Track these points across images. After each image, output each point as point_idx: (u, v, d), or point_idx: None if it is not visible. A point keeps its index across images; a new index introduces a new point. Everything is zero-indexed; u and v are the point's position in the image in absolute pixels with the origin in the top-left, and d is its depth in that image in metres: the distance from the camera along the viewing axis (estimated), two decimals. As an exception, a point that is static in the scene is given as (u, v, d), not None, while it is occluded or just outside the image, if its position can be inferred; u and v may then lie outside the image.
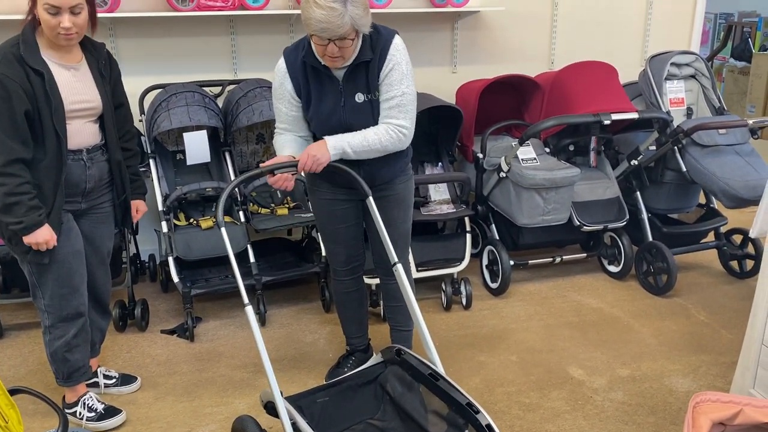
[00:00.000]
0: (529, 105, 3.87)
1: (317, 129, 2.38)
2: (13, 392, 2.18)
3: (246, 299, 2.00)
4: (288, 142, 2.40)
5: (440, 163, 3.80)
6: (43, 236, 2.17)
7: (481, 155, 3.68)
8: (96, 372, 2.73)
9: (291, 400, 2.12)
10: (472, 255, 3.78)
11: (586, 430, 2.47)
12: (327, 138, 2.27)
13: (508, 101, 3.90)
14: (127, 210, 2.57)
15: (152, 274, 3.83)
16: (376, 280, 3.30)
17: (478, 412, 1.87)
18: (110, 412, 2.51)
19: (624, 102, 3.51)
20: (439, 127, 3.77)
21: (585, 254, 3.84)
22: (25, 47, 2.13)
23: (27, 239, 2.16)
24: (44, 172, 2.18)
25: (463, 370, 2.89)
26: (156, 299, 3.58)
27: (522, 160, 3.49)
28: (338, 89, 2.28)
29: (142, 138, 3.50)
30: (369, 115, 2.32)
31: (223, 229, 2.07)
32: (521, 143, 3.34)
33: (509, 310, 3.45)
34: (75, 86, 2.24)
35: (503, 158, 3.44)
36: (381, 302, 3.28)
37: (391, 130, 2.29)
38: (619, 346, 3.07)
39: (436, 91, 3.78)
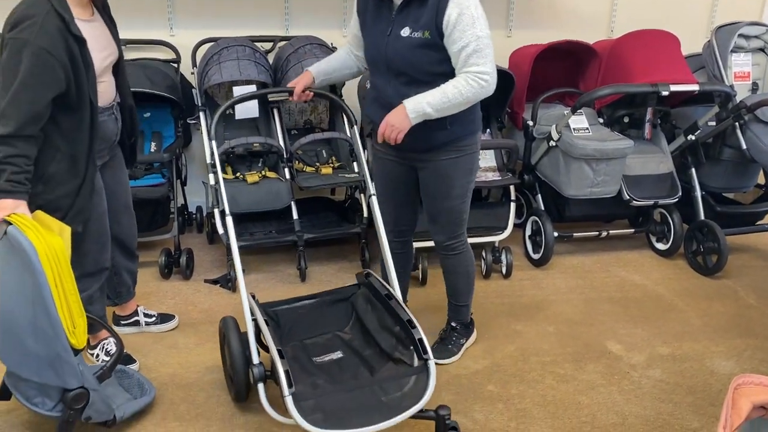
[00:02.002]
0: (584, 73, 3.75)
1: (365, 55, 2.36)
2: None
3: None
4: (335, 55, 2.49)
5: (488, 130, 3.73)
6: (5, 205, 1.98)
7: (531, 123, 3.60)
8: (136, 311, 2.83)
9: (267, 305, 2.39)
10: (515, 225, 3.74)
11: (621, 404, 2.44)
12: (405, 102, 2.17)
13: (562, 68, 3.79)
14: (134, 150, 2.60)
15: (199, 226, 3.92)
16: (419, 243, 3.29)
17: (414, 327, 2.07)
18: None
19: (685, 73, 3.37)
20: (489, 93, 3.69)
21: (633, 230, 3.74)
22: (59, 3, 2.01)
23: None
24: (78, 141, 2.16)
25: (499, 337, 2.88)
26: (201, 250, 3.66)
27: (573, 129, 3.40)
28: (390, 18, 2.22)
29: (193, 91, 3.54)
30: (408, 52, 2.19)
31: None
32: (573, 111, 3.25)
33: (549, 281, 3.41)
34: (101, 42, 2.22)
35: (554, 126, 3.35)
36: (420, 265, 3.29)
37: (471, 79, 2.13)
38: (661, 324, 3.01)
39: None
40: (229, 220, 2.22)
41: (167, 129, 3.62)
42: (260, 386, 1.98)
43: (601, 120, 3.60)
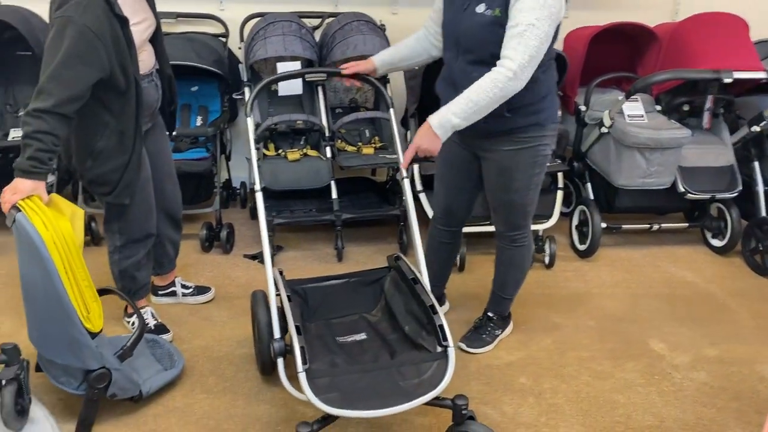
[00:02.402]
0: (643, 57, 3.56)
1: (442, 31, 2.27)
2: (102, 292, 2.32)
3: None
4: (404, 43, 2.40)
5: (538, 114, 3.60)
6: (23, 188, 1.95)
7: (583, 108, 3.45)
8: (173, 282, 2.87)
9: (296, 282, 2.38)
10: (562, 213, 3.61)
11: (659, 406, 2.33)
12: (429, 118, 2.06)
13: (620, 52, 3.61)
14: (174, 117, 2.61)
15: (243, 201, 3.94)
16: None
17: (436, 313, 2.01)
18: (159, 329, 2.63)
19: (751, 60, 3.15)
20: (541, 76, 3.56)
21: (687, 224, 3.56)
22: None
23: (13, 182, 1.97)
24: (126, 118, 2.18)
25: (536, 329, 2.79)
26: (243, 225, 3.68)
27: (628, 116, 3.24)
28: None
29: (240, 66, 3.54)
30: (478, 30, 2.08)
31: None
32: (628, 97, 3.09)
33: (594, 274, 3.28)
34: (140, 14, 2.22)
35: (606, 112, 3.20)
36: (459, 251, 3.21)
37: (496, 73, 1.98)
38: (709, 324, 2.85)
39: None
40: (259, 195, 2.20)
41: (213, 103, 3.64)
42: (279, 361, 1.97)
43: (659, 107, 3.42)
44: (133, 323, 2.67)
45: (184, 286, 2.89)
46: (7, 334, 2.62)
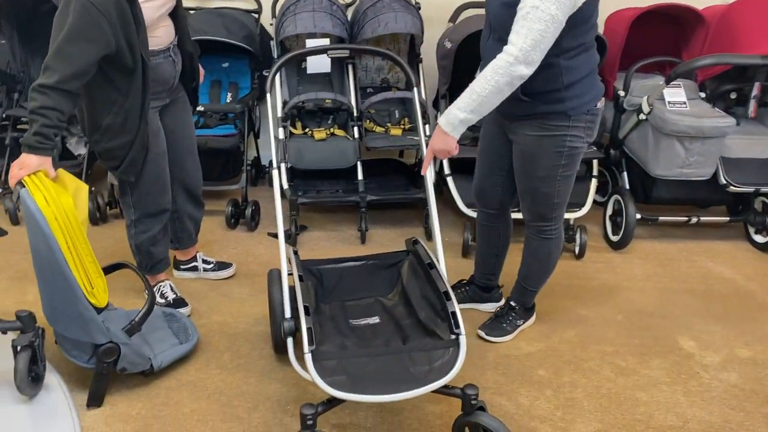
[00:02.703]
0: (689, 41, 3.39)
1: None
2: (117, 267, 2.34)
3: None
4: None
5: (575, 99, 3.47)
6: (29, 163, 1.96)
7: (622, 93, 3.31)
8: (195, 257, 2.87)
9: (312, 263, 2.36)
10: (596, 203, 3.49)
11: (684, 406, 2.23)
12: (439, 119, 2.05)
13: (664, 35, 3.45)
14: (196, 93, 2.59)
15: (271, 179, 3.93)
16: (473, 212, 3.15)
17: (449, 299, 1.96)
18: (178, 303, 2.64)
19: (807, 46, 2.96)
20: (579, 59, 3.43)
21: (728, 218, 3.39)
22: None
23: (20, 158, 1.98)
24: (131, 97, 2.17)
25: (559, 320, 2.70)
26: (270, 203, 3.62)
27: (668, 102, 3.08)
28: None
29: (271, 42, 3.51)
30: (499, 9, 2.00)
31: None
32: (668, 82, 2.94)
33: (626, 266, 3.16)
34: None
35: (645, 98, 3.06)
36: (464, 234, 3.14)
37: (498, 60, 1.91)
38: (745, 324, 2.71)
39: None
40: (275, 173, 2.17)
41: (244, 80, 3.63)
42: (289, 340, 1.95)
43: (703, 94, 3.25)
44: (162, 293, 2.68)
45: (205, 261, 2.90)
46: (31, 302, 2.66)
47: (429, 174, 2.23)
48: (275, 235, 3.26)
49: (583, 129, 2.16)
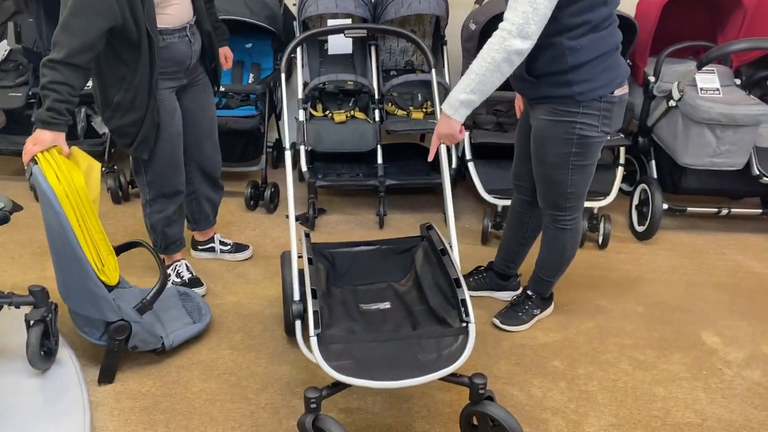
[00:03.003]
0: (725, 25, 3.25)
1: None
2: (131, 245, 2.35)
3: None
4: None
5: (604, 84, 3.37)
6: (43, 139, 1.96)
7: (652, 78, 3.19)
8: (212, 238, 2.88)
9: (324, 246, 2.34)
10: (623, 192, 3.40)
11: (703, 403, 2.15)
12: (442, 106, 2.01)
13: (699, 18, 3.31)
14: (216, 74, 2.57)
15: (292, 161, 3.91)
16: (504, 202, 3.09)
17: (459, 287, 1.91)
18: (193, 282, 2.64)
19: None
20: (609, 42, 3.32)
21: (761, 211, 3.26)
22: None
23: (34, 133, 2.00)
24: (139, 74, 2.14)
25: (578, 311, 2.63)
26: (290, 186, 3.65)
27: (700, 89, 2.97)
28: None
29: (294, 23, 3.48)
30: None
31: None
32: (700, 67, 2.82)
33: (650, 258, 3.07)
34: None
35: (676, 84, 2.95)
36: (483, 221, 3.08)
37: (493, 38, 1.85)
38: (773, 320, 2.62)
39: (614, -1, 3.30)
40: (288, 154, 2.15)
41: (266, 61, 3.61)
42: (297, 323, 1.93)
43: (739, 81, 3.12)
44: (168, 275, 2.69)
45: (222, 243, 2.90)
46: (51, 278, 2.70)
47: (444, 158, 2.18)
48: (296, 218, 3.29)
49: (596, 117, 2.05)
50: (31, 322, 2.00)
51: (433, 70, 2.26)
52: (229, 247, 2.91)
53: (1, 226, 2.51)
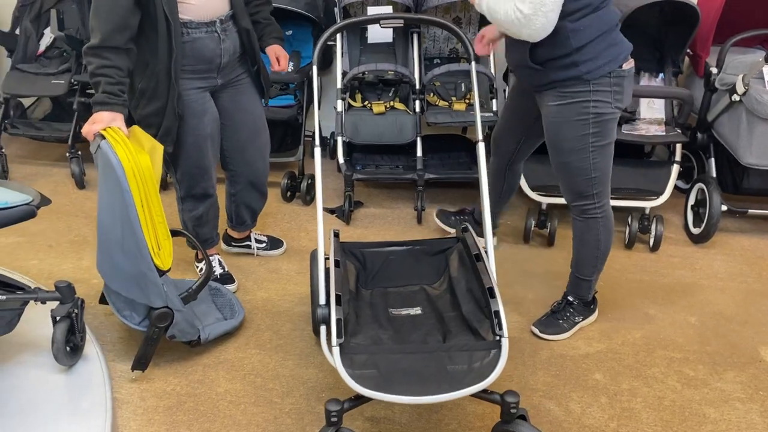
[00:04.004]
0: (799, 12, 2.99)
1: None
2: (175, 234, 2.30)
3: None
4: None
5: (661, 75, 3.16)
6: (102, 118, 1.96)
7: (714, 70, 2.97)
8: (249, 236, 2.81)
9: (355, 246, 2.28)
10: (679, 189, 3.20)
11: (759, 427, 1.99)
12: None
13: (768, 5, 3.06)
14: (264, 82, 2.44)
15: (331, 152, 3.84)
16: (550, 199, 2.94)
17: (493, 297, 1.82)
18: (225, 278, 2.59)
19: None
20: (668, 30, 3.11)
21: (832, 214, 3.02)
22: None
23: (93, 117, 1.99)
24: (159, 60, 2.08)
25: (625, 319, 2.48)
26: (328, 177, 3.58)
27: (768, 82, 2.74)
28: None
29: (335, 9, 3.37)
30: None
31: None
32: (768, 59, 2.61)
33: (706, 263, 2.87)
34: None
35: (740, 77, 2.73)
36: (549, 224, 2.93)
37: (511, 8, 1.88)
38: (842, 337, 2.40)
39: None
40: (317, 151, 2.05)
41: (307, 48, 3.52)
42: (322, 328, 1.85)
43: (812, 74, 2.87)
44: (201, 269, 2.66)
45: (258, 240, 2.83)
46: (86, 267, 2.71)
47: (482, 154, 2.06)
48: (330, 211, 3.22)
49: (609, 93, 2.04)
50: (57, 318, 1.98)
51: (473, 63, 2.12)
52: (264, 244, 2.84)
53: (40, 215, 2.53)
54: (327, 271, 1.97)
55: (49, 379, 1.99)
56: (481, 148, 2.06)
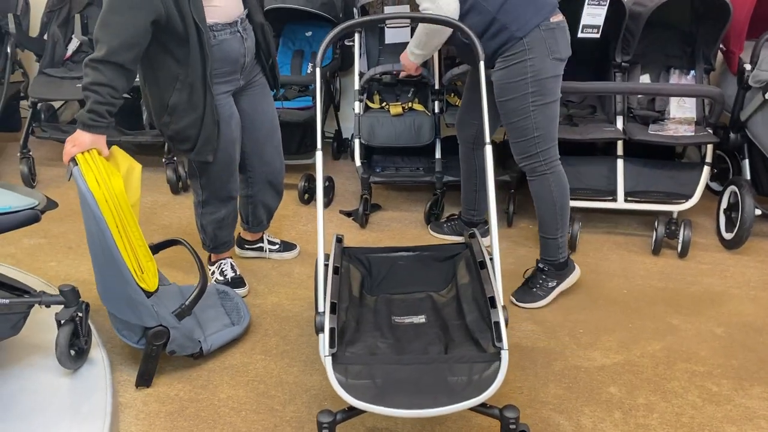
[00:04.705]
0: (841, 4, 2.81)
1: None
2: (171, 243, 2.31)
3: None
4: None
5: (692, 72, 3.02)
6: (82, 141, 1.92)
7: (748, 66, 2.81)
8: (261, 237, 2.80)
9: (361, 251, 2.24)
10: (712, 191, 3.05)
11: (785, 450, 1.86)
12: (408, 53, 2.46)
13: (809, -3, 2.88)
14: (273, 73, 2.42)
15: (352, 154, 3.79)
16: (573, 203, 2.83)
17: (494, 307, 1.76)
18: (236, 282, 2.57)
19: None
20: (699, 25, 2.96)
21: None
22: None
23: (74, 135, 1.95)
24: (192, 69, 2.04)
25: (645, 329, 2.37)
26: (349, 179, 3.55)
27: (806, 79, 2.58)
28: None
29: (355, 9, 3.33)
30: None
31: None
32: (804, 55, 2.45)
33: (737, 270, 2.73)
34: None
35: (775, 74, 2.58)
36: (570, 228, 2.83)
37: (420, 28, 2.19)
38: None
39: (707, -24, 2.92)
40: (319, 155, 2.01)
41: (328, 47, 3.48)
42: (320, 336, 1.81)
43: None
44: (213, 272, 2.65)
45: (270, 243, 2.82)
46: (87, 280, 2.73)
47: (489, 158, 1.98)
48: (347, 214, 3.18)
49: (544, 47, 2.18)
50: (62, 322, 1.99)
51: (481, 63, 2.04)
52: (277, 246, 2.83)
53: (63, 216, 2.51)
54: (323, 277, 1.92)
55: (53, 383, 2.01)
56: (489, 150, 1.99)
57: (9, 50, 3.49)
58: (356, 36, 3.23)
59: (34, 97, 3.40)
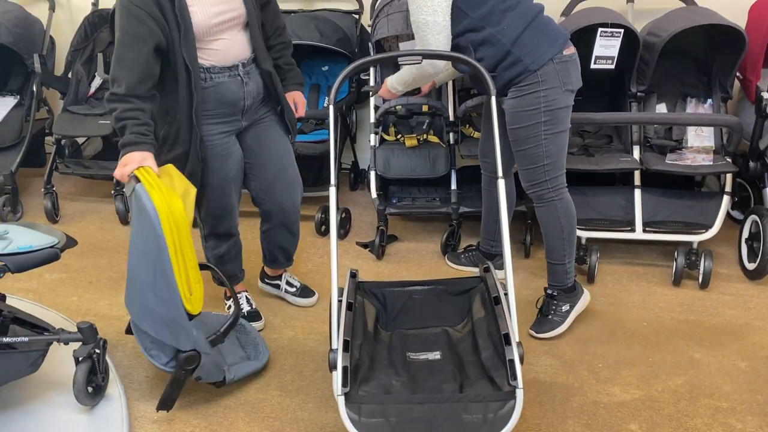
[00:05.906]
0: None
1: None
2: (203, 267, 2.30)
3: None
4: None
5: (709, 100, 3.00)
6: (133, 159, 1.93)
7: (766, 95, 2.79)
8: (281, 276, 2.77)
9: (376, 285, 2.25)
10: (735, 220, 3.01)
11: (814, 491, 1.80)
12: (389, 83, 2.54)
13: (826, 24, 2.86)
14: (290, 122, 2.42)
15: (369, 184, 3.81)
16: (588, 233, 2.81)
17: (508, 344, 1.75)
18: (252, 316, 2.57)
19: None
20: (715, 53, 2.95)
21: None
22: None
23: (123, 158, 1.96)
24: (180, 106, 2.07)
25: (666, 363, 2.32)
26: (365, 209, 3.56)
27: (825, 107, 2.55)
28: None
29: (370, 44, 3.38)
30: None
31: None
32: (822, 84, 2.42)
33: (761, 301, 2.67)
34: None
35: (793, 102, 2.55)
36: (588, 259, 2.80)
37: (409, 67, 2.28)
38: None
39: (723, 5, 2.91)
40: (333, 190, 2.02)
41: (343, 83, 3.52)
42: (333, 374, 1.80)
43: None
44: (230, 306, 2.66)
45: (289, 284, 2.78)
46: (121, 304, 2.76)
47: (502, 190, 1.98)
48: (364, 246, 3.19)
49: (557, 79, 2.22)
50: (79, 359, 2.02)
51: (493, 98, 2.05)
52: (294, 289, 2.77)
53: (84, 251, 2.52)
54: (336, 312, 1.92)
55: (71, 419, 2.02)
56: (501, 184, 1.98)
57: (35, 89, 3.60)
58: (371, 70, 3.27)
59: (58, 134, 3.48)
